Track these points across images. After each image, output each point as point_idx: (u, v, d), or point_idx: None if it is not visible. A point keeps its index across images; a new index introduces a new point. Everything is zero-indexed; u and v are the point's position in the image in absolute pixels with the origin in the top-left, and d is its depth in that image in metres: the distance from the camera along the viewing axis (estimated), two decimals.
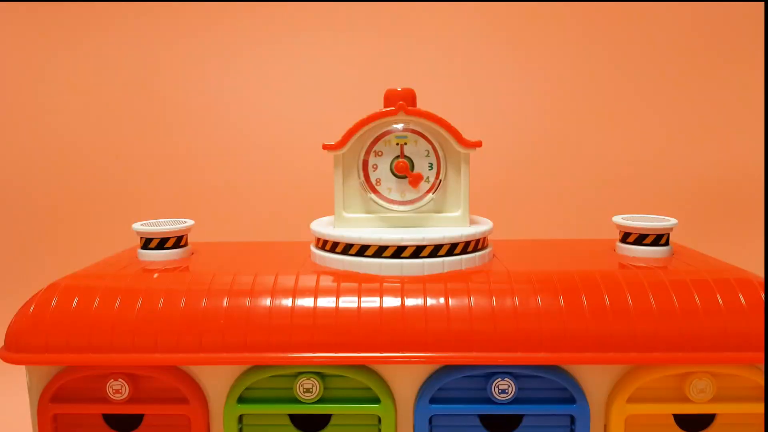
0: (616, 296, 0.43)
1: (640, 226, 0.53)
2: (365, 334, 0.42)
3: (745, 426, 0.44)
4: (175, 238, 0.54)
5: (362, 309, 0.43)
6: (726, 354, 0.41)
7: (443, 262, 0.48)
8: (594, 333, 0.42)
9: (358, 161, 0.51)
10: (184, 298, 0.44)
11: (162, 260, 0.53)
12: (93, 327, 0.43)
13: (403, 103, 0.49)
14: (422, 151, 0.50)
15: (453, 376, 0.43)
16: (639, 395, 0.43)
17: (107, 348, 0.43)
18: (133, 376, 0.44)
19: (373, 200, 0.51)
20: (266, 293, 0.44)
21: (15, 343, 0.44)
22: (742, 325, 0.42)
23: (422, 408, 0.43)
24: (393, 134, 0.50)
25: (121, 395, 0.43)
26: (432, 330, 0.42)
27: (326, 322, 0.43)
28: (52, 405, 0.44)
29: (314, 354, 0.42)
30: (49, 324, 0.43)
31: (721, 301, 0.43)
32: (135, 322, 0.43)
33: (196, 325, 0.43)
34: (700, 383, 0.42)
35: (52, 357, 0.43)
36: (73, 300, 0.44)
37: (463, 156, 0.50)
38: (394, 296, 0.44)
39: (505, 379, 0.42)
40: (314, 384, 0.43)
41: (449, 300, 0.43)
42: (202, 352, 0.42)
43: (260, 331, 0.43)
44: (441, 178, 0.50)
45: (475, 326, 0.42)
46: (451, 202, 0.51)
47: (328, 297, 0.44)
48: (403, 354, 0.42)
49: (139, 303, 0.44)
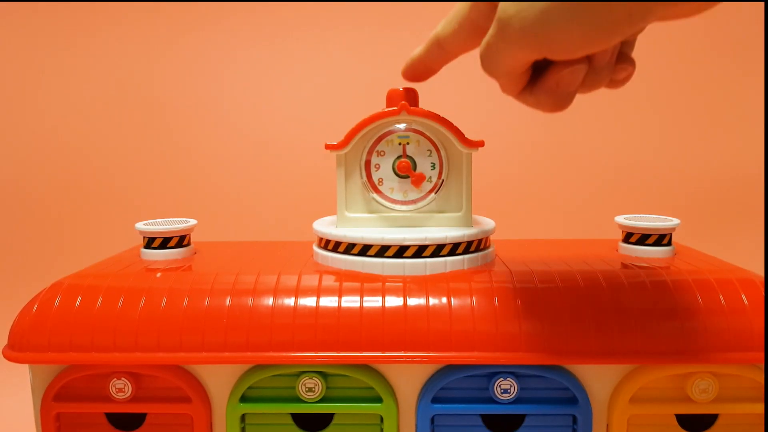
0: (619, 296, 0.43)
1: (643, 226, 0.53)
2: (367, 333, 0.42)
3: (748, 426, 0.44)
4: (178, 237, 0.54)
5: (364, 308, 0.43)
6: (728, 354, 0.41)
7: (445, 261, 0.48)
8: (596, 333, 0.42)
9: (361, 161, 0.51)
10: (186, 298, 0.44)
11: (165, 260, 0.53)
12: (96, 326, 0.43)
13: (406, 103, 0.49)
14: (424, 150, 0.50)
15: (455, 376, 0.43)
16: (641, 395, 0.43)
17: (110, 347, 0.43)
18: (136, 375, 0.44)
19: (376, 200, 0.51)
20: (269, 293, 0.44)
21: (18, 342, 0.44)
22: (744, 325, 0.42)
23: (424, 407, 0.43)
24: (395, 134, 0.50)
25: (124, 394, 0.44)
26: (434, 329, 0.42)
27: (328, 321, 0.43)
28: (55, 404, 0.44)
29: (317, 353, 0.42)
30: (52, 323, 0.44)
31: (724, 301, 0.43)
32: (138, 322, 0.43)
33: (198, 324, 0.43)
34: (703, 383, 0.42)
35: (55, 356, 0.43)
36: (77, 299, 0.44)
37: (465, 156, 0.50)
38: (396, 296, 0.44)
39: (507, 379, 0.42)
40: (316, 383, 0.43)
41: (451, 300, 0.43)
42: (204, 352, 0.42)
43: (263, 331, 0.43)
44: (443, 177, 0.50)
45: (477, 326, 0.42)
46: (454, 201, 0.51)
47: (331, 296, 0.44)
48: (406, 354, 0.42)
49: (142, 302, 0.44)
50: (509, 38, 0.32)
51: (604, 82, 0.37)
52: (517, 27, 0.31)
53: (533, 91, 0.36)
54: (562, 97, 0.36)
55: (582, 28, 0.29)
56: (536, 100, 0.37)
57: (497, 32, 0.33)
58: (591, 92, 0.37)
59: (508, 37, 0.32)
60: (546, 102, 0.36)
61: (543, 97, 0.36)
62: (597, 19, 0.29)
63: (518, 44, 0.32)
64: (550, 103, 0.36)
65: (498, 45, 0.33)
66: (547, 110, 0.37)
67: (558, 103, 0.36)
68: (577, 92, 0.36)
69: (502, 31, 0.32)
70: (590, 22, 0.29)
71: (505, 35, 0.32)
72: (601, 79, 0.36)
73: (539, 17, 0.30)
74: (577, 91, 0.36)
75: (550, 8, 0.29)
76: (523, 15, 0.30)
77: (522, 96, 0.37)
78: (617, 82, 0.37)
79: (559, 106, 0.36)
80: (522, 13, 0.30)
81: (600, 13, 0.28)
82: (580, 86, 0.36)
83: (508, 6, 0.31)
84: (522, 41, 0.31)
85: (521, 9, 0.31)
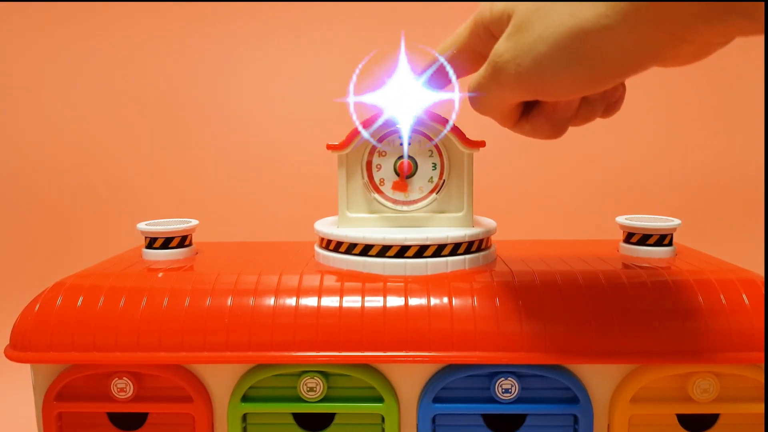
0: (620, 296, 0.43)
1: (644, 227, 0.53)
2: (369, 333, 0.42)
3: (749, 426, 0.44)
4: (180, 237, 0.54)
5: (366, 308, 0.43)
6: (729, 354, 0.41)
7: (447, 261, 0.48)
8: (597, 333, 0.42)
9: (362, 161, 0.51)
10: (188, 298, 0.44)
11: (166, 260, 0.53)
12: (98, 326, 0.43)
13: None
14: (426, 151, 0.50)
15: (456, 376, 0.43)
16: (642, 395, 0.43)
17: (112, 347, 0.43)
18: (138, 374, 0.44)
19: (377, 200, 0.51)
20: (270, 293, 0.44)
21: (20, 342, 0.44)
22: (745, 325, 0.42)
23: (425, 407, 0.43)
24: (397, 134, 0.50)
25: (126, 394, 0.44)
26: (435, 329, 0.42)
27: (330, 321, 0.43)
28: (56, 403, 0.44)
29: (318, 353, 0.42)
30: (54, 323, 0.44)
31: (725, 301, 0.43)
32: (139, 321, 0.43)
33: (200, 324, 0.43)
34: (704, 383, 0.42)
35: (57, 355, 0.43)
36: (78, 299, 0.45)
37: (466, 156, 0.50)
38: (397, 296, 0.44)
39: (509, 379, 0.42)
40: (318, 383, 0.43)
41: (453, 299, 0.43)
42: (206, 351, 0.43)
43: (264, 331, 0.43)
44: (444, 178, 0.50)
45: (478, 326, 0.42)
46: (455, 202, 0.51)
47: (332, 296, 0.44)
48: (407, 353, 0.42)
49: (144, 302, 0.44)
50: (503, 82, 0.33)
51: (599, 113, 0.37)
52: (512, 72, 0.31)
53: (529, 119, 0.37)
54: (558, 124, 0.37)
55: (576, 76, 0.30)
56: (533, 128, 0.37)
57: (491, 75, 0.33)
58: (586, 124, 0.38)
59: (503, 81, 0.32)
60: (543, 129, 0.37)
61: (539, 123, 0.37)
62: (591, 69, 0.29)
63: (512, 88, 0.33)
64: (546, 129, 0.37)
65: (491, 86, 0.34)
66: (544, 137, 0.38)
67: (555, 131, 0.37)
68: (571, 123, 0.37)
69: (496, 74, 0.33)
70: (584, 72, 0.29)
71: (500, 79, 0.33)
72: (595, 110, 0.37)
73: (534, 65, 0.30)
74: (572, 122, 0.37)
75: (545, 56, 0.30)
76: (518, 62, 0.31)
77: (518, 126, 0.38)
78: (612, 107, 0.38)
79: (555, 134, 0.37)
80: (517, 59, 0.31)
81: (594, 62, 0.29)
82: (574, 119, 0.37)
83: (504, 51, 0.32)
84: (516, 86, 0.32)
85: (517, 56, 0.31)
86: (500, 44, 0.32)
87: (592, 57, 0.29)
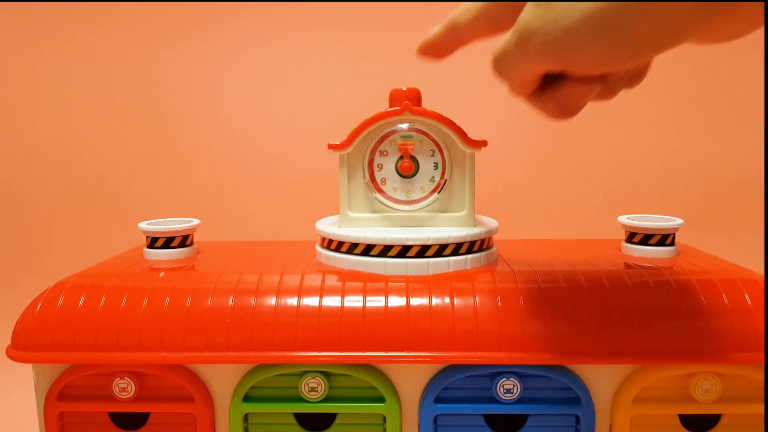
0: (622, 296, 0.43)
1: (646, 226, 0.52)
2: (370, 333, 0.42)
3: (751, 426, 0.43)
4: (181, 237, 0.54)
5: (367, 308, 0.43)
6: (731, 354, 0.41)
7: (448, 261, 0.48)
8: (599, 333, 0.42)
9: (364, 161, 0.51)
10: (189, 297, 0.44)
11: (168, 259, 0.53)
12: (99, 325, 0.43)
13: (409, 103, 0.49)
14: (427, 150, 0.50)
15: (458, 376, 0.43)
16: (644, 395, 0.43)
17: (113, 346, 0.43)
18: (139, 374, 0.44)
19: (378, 200, 0.51)
20: (271, 292, 0.44)
21: (22, 342, 0.44)
22: (747, 325, 0.42)
23: (427, 407, 0.43)
24: (398, 134, 0.50)
25: (127, 393, 0.44)
26: (437, 329, 0.42)
27: (331, 321, 0.43)
28: (58, 403, 0.44)
29: (319, 353, 0.42)
30: (55, 322, 0.44)
31: (727, 301, 0.43)
32: (141, 321, 0.43)
33: (201, 324, 0.43)
34: (706, 383, 0.42)
35: (58, 355, 0.43)
36: (80, 299, 0.45)
37: (468, 155, 0.50)
38: (399, 296, 0.44)
39: (510, 379, 0.42)
40: (319, 383, 0.43)
41: (454, 299, 0.43)
42: (207, 351, 0.43)
43: (266, 330, 0.43)
44: (446, 177, 0.50)
45: (480, 326, 0.42)
46: (457, 201, 0.51)
47: (334, 296, 0.44)
48: (408, 353, 0.42)
49: (145, 302, 0.44)
50: (530, 51, 0.32)
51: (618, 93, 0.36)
52: (539, 41, 0.31)
53: (542, 97, 0.36)
54: (569, 109, 0.36)
55: (606, 49, 0.29)
56: (543, 106, 0.36)
57: (517, 42, 0.32)
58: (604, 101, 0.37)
59: (529, 49, 0.31)
60: (552, 110, 0.36)
61: (551, 105, 0.36)
62: (621, 42, 0.28)
63: (538, 57, 0.31)
64: (556, 111, 0.36)
65: (516, 55, 0.33)
66: (551, 117, 0.37)
67: (564, 113, 0.36)
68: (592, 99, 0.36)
69: (523, 43, 0.32)
70: (614, 44, 0.29)
71: (526, 47, 0.32)
72: (615, 90, 0.36)
73: (563, 35, 0.29)
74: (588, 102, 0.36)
75: (574, 27, 0.29)
76: (546, 30, 0.30)
77: (530, 99, 0.37)
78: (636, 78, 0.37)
79: (564, 116, 0.36)
80: (545, 28, 0.30)
81: (624, 36, 0.28)
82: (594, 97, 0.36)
83: (531, 20, 0.31)
84: (542, 55, 0.31)
85: (544, 24, 0.30)
86: (527, 11, 0.31)
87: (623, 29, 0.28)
